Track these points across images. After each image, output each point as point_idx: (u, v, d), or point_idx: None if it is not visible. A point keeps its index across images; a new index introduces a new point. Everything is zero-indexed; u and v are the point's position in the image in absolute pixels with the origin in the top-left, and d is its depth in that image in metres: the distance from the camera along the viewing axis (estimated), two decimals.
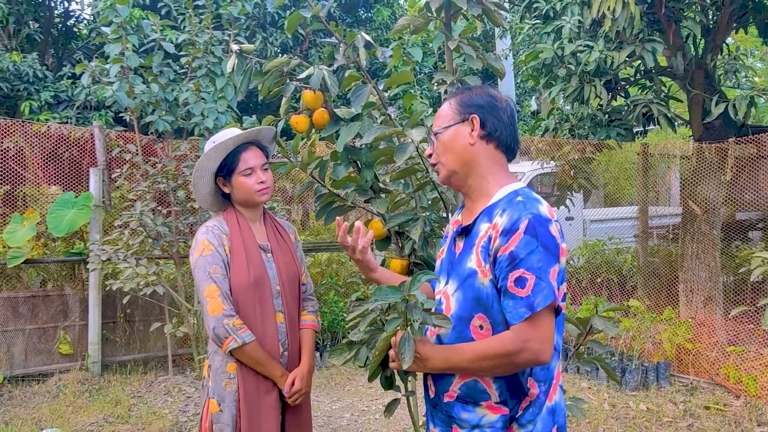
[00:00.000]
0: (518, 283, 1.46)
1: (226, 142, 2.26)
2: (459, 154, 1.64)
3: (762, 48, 14.19)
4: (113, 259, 5.12)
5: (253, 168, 2.28)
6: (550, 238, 1.48)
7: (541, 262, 1.46)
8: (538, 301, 1.44)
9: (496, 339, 1.50)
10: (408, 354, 1.50)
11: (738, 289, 6.11)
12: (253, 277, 2.24)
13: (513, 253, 1.47)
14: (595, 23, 5.70)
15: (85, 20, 11.36)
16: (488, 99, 1.65)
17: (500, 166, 1.66)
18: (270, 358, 2.23)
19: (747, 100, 5.41)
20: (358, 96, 2.13)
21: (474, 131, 1.62)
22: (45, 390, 5.19)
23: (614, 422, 4.47)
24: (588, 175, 6.45)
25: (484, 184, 1.64)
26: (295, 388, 2.27)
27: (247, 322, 2.21)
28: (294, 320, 2.36)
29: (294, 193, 7.51)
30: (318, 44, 10.03)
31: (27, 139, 5.88)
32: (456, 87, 2.19)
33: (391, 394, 2.05)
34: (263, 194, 2.30)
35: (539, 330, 1.47)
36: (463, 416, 1.58)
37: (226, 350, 2.17)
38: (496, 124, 1.63)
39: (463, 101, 1.66)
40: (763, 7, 5.81)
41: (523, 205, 1.51)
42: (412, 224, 2.17)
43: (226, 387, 2.22)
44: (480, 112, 1.63)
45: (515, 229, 1.48)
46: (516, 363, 1.49)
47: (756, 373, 4.81)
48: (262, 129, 2.34)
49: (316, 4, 2.13)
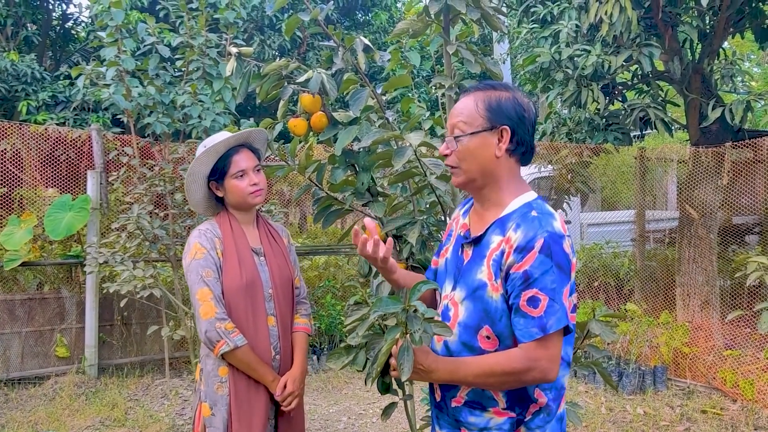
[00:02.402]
0: (531, 302, 1.45)
1: (217, 146, 2.26)
2: (482, 163, 1.58)
3: (758, 53, 14.24)
4: (110, 262, 5.12)
5: (245, 170, 2.27)
6: (563, 256, 1.47)
7: (555, 283, 1.44)
8: (551, 323, 1.44)
9: (505, 356, 1.49)
10: (407, 365, 1.49)
11: (735, 293, 6.12)
12: (246, 281, 2.23)
13: (527, 272, 1.45)
14: (593, 27, 5.72)
15: (83, 23, 11.36)
16: (518, 109, 1.57)
17: (515, 175, 1.62)
18: (261, 362, 2.23)
19: (743, 104, 5.43)
20: (356, 99, 2.13)
21: (503, 143, 1.56)
22: (41, 393, 5.17)
23: (611, 426, 4.47)
24: (585, 179, 6.47)
25: (499, 194, 1.60)
26: (287, 391, 2.26)
27: (239, 325, 2.21)
28: (286, 324, 2.36)
29: (292, 197, 7.50)
30: (316, 47, 10.04)
31: (24, 141, 5.87)
32: (456, 87, 2.20)
33: (388, 397, 2.04)
34: (256, 196, 2.30)
35: (549, 350, 1.46)
36: (471, 420, 1.58)
37: (218, 354, 2.17)
38: (523, 138, 1.58)
39: (492, 106, 1.57)
40: (759, 12, 5.84)
41: (538, 222, 1.48)
42: (410, 228, 2.17)
43: (217, 390, 2.22)
44: (512, 124, 1.56)
45: (530, 248, 1.46)
46: (523, 380, 1.48)
47: (753, 377, 4.82)
48: (252, 131, 2.34)
49: (315, 8, 2.13)
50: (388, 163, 2.14)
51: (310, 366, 5.90)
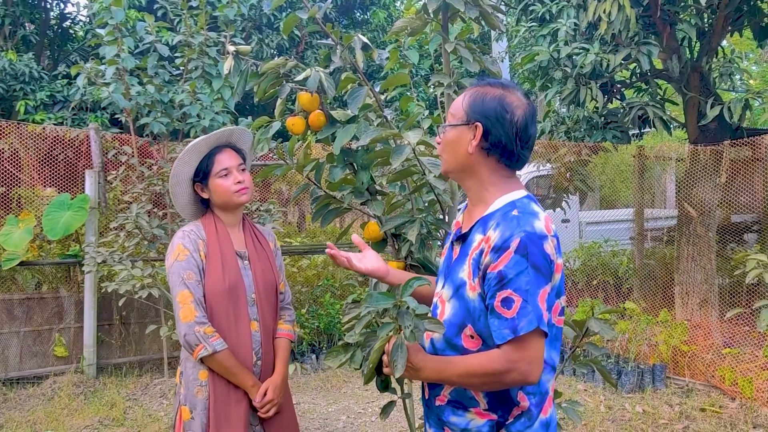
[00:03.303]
0: (505, 303, 1.43)
1: (198, 144, 2.24)
2: (457, 157, 1.59)
3: (757, 51, 14.25)
4: (109, 262, 5.11)
5: (229, 169, 2.25)
6: (541, 257, 1.44)
7: (529, 285, 1.41)
8: (521, 325, 1.41)
9: (486, 356, 1.48)
10: (400, 362, 1.48)
11: (733, 292, 6.12)
12: (228, 284, 2.20)
13: (502, 273, 1.43)
14: (591, 26, 5.72)
15: (81, 22, 11.34)
16: (499, 110, 1.53)
17: (501, 175, 1.58)
18: (242, 368, 2.19)
19: (742, 102, 5.44)
20: (354, 98, 2.13)
21: (474, 140, 1.55)
22: (40, 393, 5.16)
23: (610, 424, 4.47)
24: (584, 178, 6.46)
25: (481, 191, 1.58)
26: (267, 398, 2.23)
27: (221, 329, 2.17)
28: (269, 329, 2.32)
29: (290, 196, 7.50)
30: (314, 46, 10.03)
31: (22, 141, 5.86)
32: (454, 86, 2.19)
33: (387, 396, 2.04)
34: (242, 194, 2.26)
35: (526, 352, 1.43)
36: (452, 420, 1.58)
37: (197, 358, 2.14)
38: (501, 138, 1.53)
39: (475, 102, 1.56)
40: (757, 11, 5.84)
41: (516, 222, 1.45)
42: (409, 226, 2.16)
43: (197, 394, 2.19)
44: (485, 121, 1.53)
45: (506, 248, 1.43)
46: (504, 382, 1.47)
47: (751, 375, 4.82)
48: (234, 130, 2.32)
49: (313, 6, 2.12)
50: (386, 161, 2.13)
51: (309, 365, 5.90)
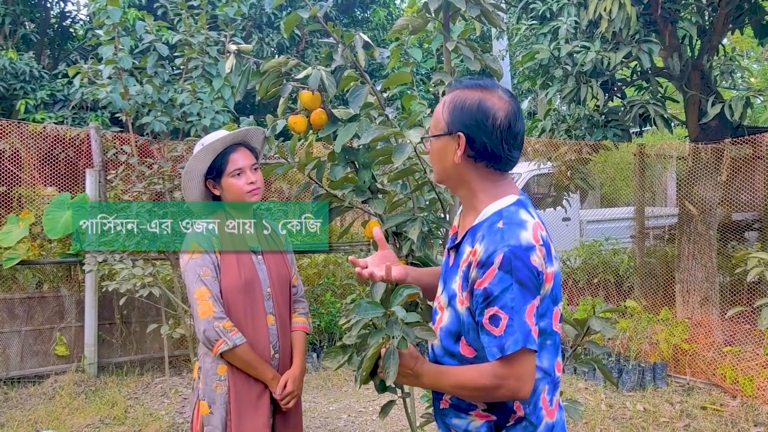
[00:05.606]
0: (492, 321, 1.41)
1: (214, 144, 2.25)
2: (445, 167, 1.56)
3: (758, 49, 14.23)
4: (109, 261, 5.11)
5: (242, 169, 2.27)
6: (527, 271, 1.40)
7: (515, 301, 1.39)
8: (508, 344, 1.39)
9: (477, 371, 1.47)
10: (392, 369, 1.48)
11: (734, 290, 6.11)
12: (244, 280, 2.23)
13: (487, 290, 1.41)
14: (592, 24, 5.71)
15: (81, 21, 11.34)
16: (479, 116, 1.49)
17: (491, 180, 1.54)
18: (261, 361, 2.23)
19: (743, 100, 5.44)
20: (356, 96, 2.12)
21: (459, 150, 1.51)
22: (41, 392, 5.16)
23: (611, 423, 4.47)
24: (584, 176, 6.46)
25: (472, 199, 1.56)
26: (287, 390, 2.26)
27: (238, 324, 2.20)
28: (285, 322, 2.36)
29: (291, 194, 7.49)
30: (315, 45, 10.03)
31: (22, 140, 5.86)
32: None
33: (387, 395, 2.04)
34: (254, 195, 2.29)
35: (515, 369, 1.41)
36: (455, 422, 1.59)
37: (217, 353, 2.16)
38: (485, 144, 1.49)
39: (455, 110, 1.52)
40: (758, 8, 5.83)
41: (500, 235, 1.42)
42: (410, 225, 2.16)
43: (216, 389, 2.21)
44: (467, 130, 1.49)
45: (490, 263, 1.41)
46: (494, 396, 1.47)
47: (752, 373, 4.82)
48: (249, 129, 2.34)
49: (314, 5, 2.12)
50: (387, 160, 2.13)
51: (309, 364, 5.90)
